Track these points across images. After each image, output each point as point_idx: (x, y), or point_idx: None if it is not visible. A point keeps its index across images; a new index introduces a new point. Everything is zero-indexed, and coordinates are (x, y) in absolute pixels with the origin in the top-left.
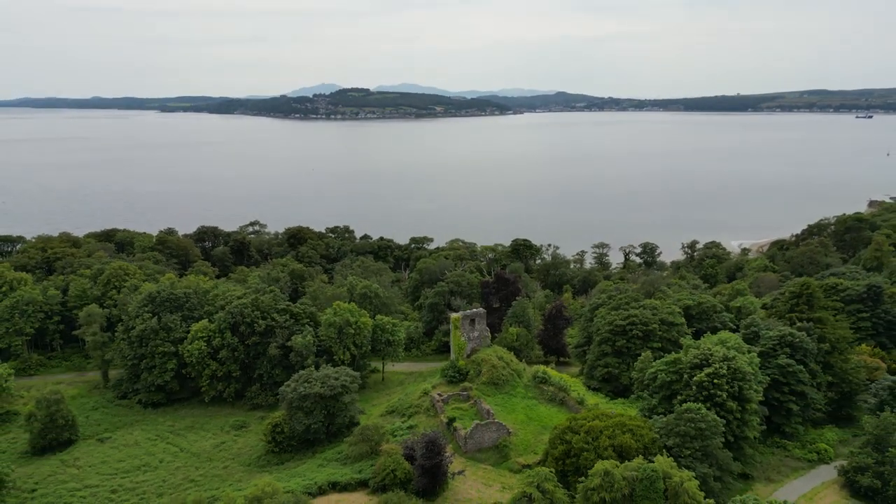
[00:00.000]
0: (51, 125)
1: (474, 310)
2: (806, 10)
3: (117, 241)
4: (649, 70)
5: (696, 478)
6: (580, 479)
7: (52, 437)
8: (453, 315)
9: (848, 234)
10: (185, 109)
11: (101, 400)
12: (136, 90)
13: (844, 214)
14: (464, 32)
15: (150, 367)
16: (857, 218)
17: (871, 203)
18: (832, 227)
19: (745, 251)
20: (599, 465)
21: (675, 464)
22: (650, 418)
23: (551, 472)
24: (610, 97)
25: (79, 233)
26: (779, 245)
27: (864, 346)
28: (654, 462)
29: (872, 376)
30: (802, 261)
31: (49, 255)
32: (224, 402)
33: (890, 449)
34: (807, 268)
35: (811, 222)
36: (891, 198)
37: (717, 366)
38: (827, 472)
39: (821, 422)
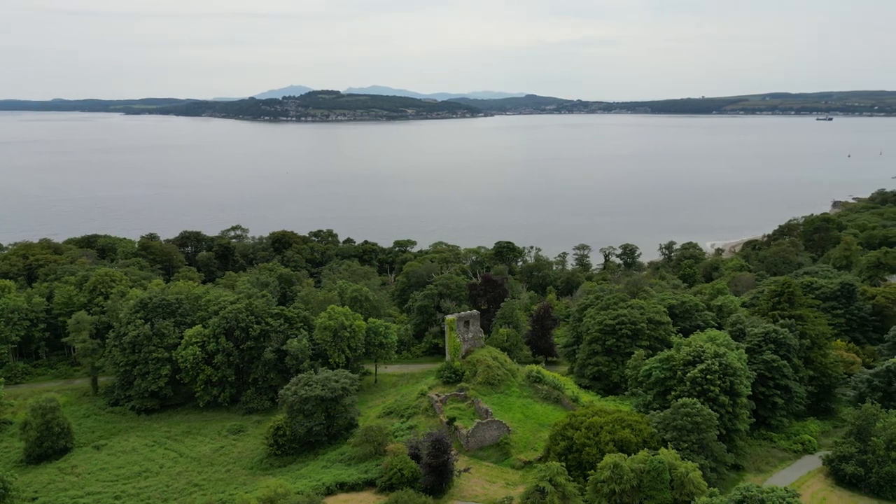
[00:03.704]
0: (10, 128)
1: (469, 312)
2: (768, 17)
3: (99, 248)
4: (617, 73)
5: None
6: (589, 473)
7: (48, 445)
8: (448, 317)
9: (816, 233)
10: (151, 112)
11: (93, 407)
12: (99, 92)
13: (812, 215)
14: (434, 36)
15: (144, 374)
16: (825, 218)
17: (835, 204)
18: (801, 227)
19: (718, 251)
20: (608, 459)
21: (678, 456)
22: (646, 413)
23: (563, 466)
24: (578, 100)
25: (56, 239)
26: (752, 245)
27: (839, 341)
28: (658, 454)
29: (849, 370)
30: (776, 260)
31: (31, 262)
32: (219, 406)
33: (872, 438)
34: (780, 267)
35: (779, 223)
36: (854, 198)
37: (710, 362)
38: (812, 462)
39: (802, 414)
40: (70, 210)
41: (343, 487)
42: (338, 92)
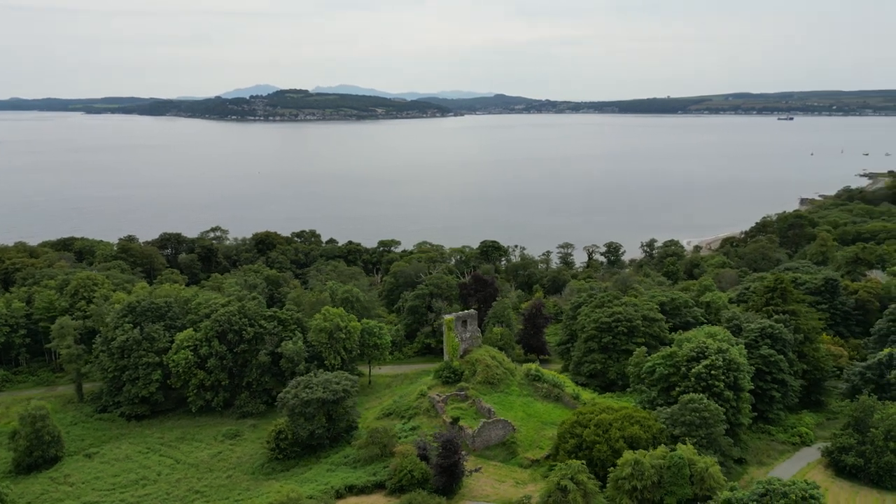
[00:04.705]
0: None
1: (466, 311)
2: (730, 19)
3: (76, 250)
4: (584, 73)
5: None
6: (608, 471)
7: (39, 454)
8: (447, 317)
9: (790, 230)
10: (113, 111)
11: (79, 415)
12: (58, 91)
13: (785, 212)
14: (402, 36)
15: (134, 379)
16: (798, 215)
17: (803, 201)
18: (775, 224)
19: (696, 248)
20: (629, 455)
21: (695, 451)
22: (652, 410)
23: (583, 464)
24: (547, 100)
25: (30, 242)
26: (730, 242)
27: (824, 335)
28: (677, 450)
29: (837, 364)
30: (755, 257)
31: (7, 266)
32: (212, 411)
33: (871, 430)
34: (760, 263)
35: (751, 220)
36: (820, 196)
37: (714, 358)
38: (810, 454)
39: (796, 407)
40: (43, 212)
41: (352, 490)
42: (306, 91)
